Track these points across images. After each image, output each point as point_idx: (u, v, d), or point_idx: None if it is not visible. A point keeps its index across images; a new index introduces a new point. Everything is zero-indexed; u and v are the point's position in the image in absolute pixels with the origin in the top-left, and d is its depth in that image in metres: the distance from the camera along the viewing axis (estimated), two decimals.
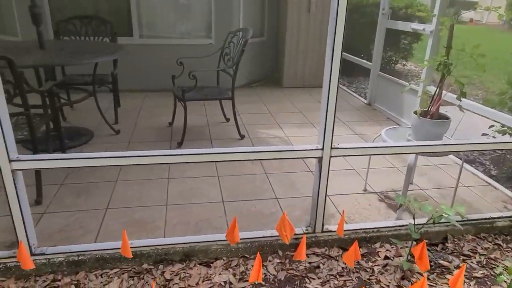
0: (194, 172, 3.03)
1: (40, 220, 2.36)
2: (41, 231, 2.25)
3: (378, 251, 2.30)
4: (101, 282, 1.96)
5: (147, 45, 5.16)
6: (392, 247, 2.32)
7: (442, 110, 2.46)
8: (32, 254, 1.99)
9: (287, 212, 2.52)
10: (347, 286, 2.03)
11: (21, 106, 2.39)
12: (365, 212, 2.57)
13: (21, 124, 2.63)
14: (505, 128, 3.17)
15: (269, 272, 2.10)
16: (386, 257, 2.25)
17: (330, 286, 2.02)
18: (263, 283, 2.02)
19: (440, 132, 2.33)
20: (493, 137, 3.09)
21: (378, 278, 2.09)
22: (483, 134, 3.35)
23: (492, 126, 3.20)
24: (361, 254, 2.26)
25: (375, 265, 2.18)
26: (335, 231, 2.32)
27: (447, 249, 2.35)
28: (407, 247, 2.31)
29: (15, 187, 1.83)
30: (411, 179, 3.00)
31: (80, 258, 2.02)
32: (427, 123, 2.33)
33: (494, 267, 2.19)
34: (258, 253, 1.59)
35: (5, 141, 1.75)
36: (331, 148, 2.09)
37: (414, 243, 2.36)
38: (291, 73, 5.77)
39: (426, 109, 2.40)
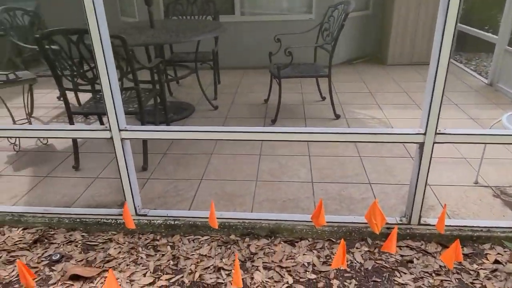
0: (285, 150, 3.02)
1: (145, 185, 2.62)
2: (145, 194, 2.49)
3: (487, 254, 2.01)
4: (193, 246, 2.10)
5: (247, 22, 5.23)
6: (505, 251, 2.01)
7: None
8: (136, 214, 2.23)
9: (380, 200, 2.36)
10: (444, 286, 1.83)
11: (132, 81, 2.64)
12: (474, 207, 2.26)
13: (132, 97, 2.92)
14: None
15: (355, 260, 2.00)
16: (496, 261, 1.96)
17: (423, 284, 1.84)
18: (348, 269, 1.94)
19: None
20: None
21: (483, 284, 1.83)
22: None
23: None
24: (464, 255, 2.01)
25: (481, 269, 1.91)
26: (434, 225, 2.10)
27: None
28: None
29: (124, 153, 2.04)
30: None
31: (175, 222, 2.19)
32: None
33: None
34: (343, 239, 1.51)
35: (116, 113, 1.95)
36: (436, 133, 1.85)
37: None
38: (397, 49, 5.29)
39: None
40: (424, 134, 1.86)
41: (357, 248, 2.08)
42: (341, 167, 2.76)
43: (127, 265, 1.97)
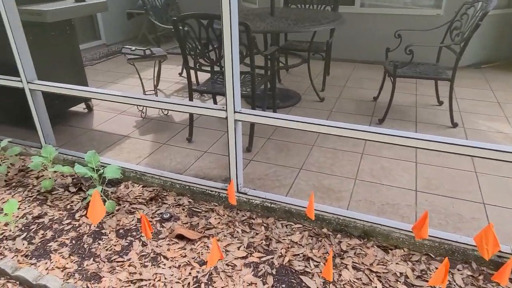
0: (389, 153, 2.89)
1: (247, 165, 2.78)
2: (246, 174, 2.65)
3: None
4: (285, 232, 2.18)
5: (366, 14, 5.04)
6: None
7: None
8: (237, 191, 2.39)
9: (495, 224, 2.12)
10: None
11: (248, 65, 2.78)
12: None
13: (246, 81, 3.08)
14: None
15: (455, 282, 1.86)
16: None
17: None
18: None
19: None
20: None
21: None
22: None
23: None
24: None
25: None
26: None
27: None
28: None
29: (235, 134, 2.19)
30: None
31: (272, 205, 2.29)
32: None
33: None
34: (447, 257, 1.42)
35: (234, 95, 2.10)
36: None
37: None
38: None
39: None
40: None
41: (458, 270, 1.92)
42: (451, 181, 2.55)
43: (225, 236, 2.14)
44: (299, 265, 1.94)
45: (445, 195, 2.40)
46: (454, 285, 1.84)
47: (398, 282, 1.86)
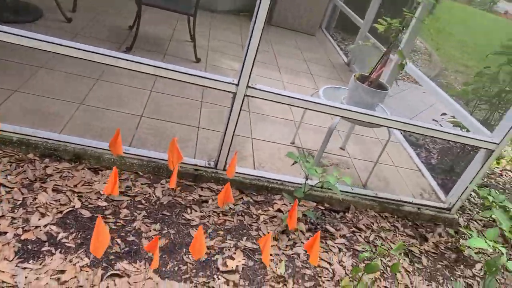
0: (129, 80, 2.87)
1: None
2: None
3: (275, 203, 2.27)
4: None
5: None
6: (290, 203, 2.30)
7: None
8: None
9: (201, 143, 2.44)
10: (226, 225, 2.02)
11: None
12: (279, 163, 2.51)
13: None
14: (458, 121, 3.05)
15: (154, 194, 2.06)
16: (279, 210, 2.23)
17: (208, 221, 2.00)
18: (144, 202, 1.99)
19: (371, 101, 2.20)
20: (440, 125, 2.98)
21: (259, 226, 2.08)
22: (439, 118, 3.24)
23: (445, 114, 3.07)
24: (256, 201, 2.24)
25: (263, 214, 2.16)
26: (238, 173, 2.27)
27: (344, 218, 2.35)
28: (301, 206, 2.29)
29: None
30: (344, 145, 2.92)
31: None
32: (360, 88, 2.18)
33: (378, 246, 2.20)
34: (115, 167, 1.51)
35: None
36: (247, 86, 1.95)
37: (315, 203, 2.34)
38: (281, 12, 5.39)
39: (368, 75, 2.24)
40: (237, 84, 1.94)
41: (161, 184, 2.14)
42: (178, 108, 2.76)
43: None
44: None
45: (168, 120, 2.58)
46: (154, 197, 2.04)
47: (99, 200, 1.91)
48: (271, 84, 3.58)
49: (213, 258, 1.81)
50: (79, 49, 1.80)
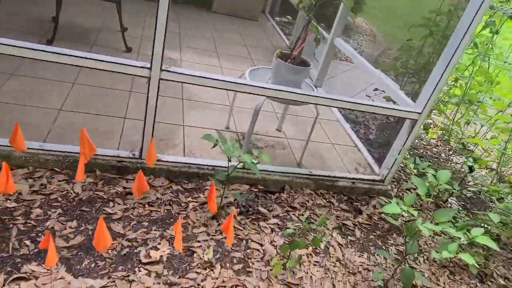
0: (48, 73, 2.69)
1: None
2: None
3: (206, 189, 2.22)
4: None
5: None
6: (223, 187, 2.25)
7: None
8: None
9: (127, 135, 2.33)
10: (152, 216, 1.94)
11: None
12: (209, 148, 2.45)
13: None
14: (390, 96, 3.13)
15: (73, 191, 1.94)
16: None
17: (131, 214, 1.92)
18: (60, 199, 1.87)
19: (295, 78, 2.18)
20: (372, 100, 3.03)
21: (188, 214, 2.02)
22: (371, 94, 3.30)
23: (377, 89, 3.13)
24: (186, 189, 2.17)
25: (193, 201, 2.10)
26: (165, 161, 2.19)
27: (279, 199, 2.33)
28: (235, 190, 2.26)
29: None
30: (280, 126, 2.91)
31: None
32: (283, 66, 2.16)
33: (311, 223, 2.21)
34: (4, 162, 1.40)
35: None
36: (161, 69, 1.87)
37: (247, 186, 2.31)
38: None
39: (290, 52, 2.22)
40: (150, 68, 1.85)
41: (82, 181, 2.02)
42: (105, 99, 2.62)
43: None
44: None
45: (91, 113, 2.45)
46: (72, 193, 1.92)
47: (8, 201, 1.77)
48: (209, 71, 3.50)
49: (135, 251, 1.73)
50: None
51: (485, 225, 2.18)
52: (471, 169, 2.65)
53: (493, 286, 2.16)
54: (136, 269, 1.65)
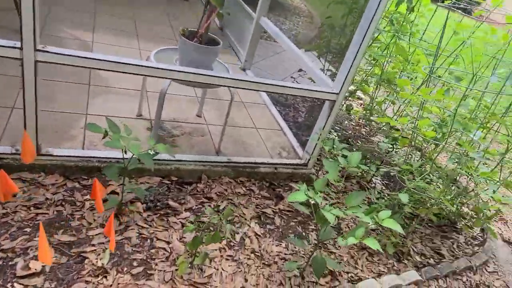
0: None
1: None
2: None
3: (109, 184, 1.99)
4: None
5: None
6: (131, 181, 2.04)
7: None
8: None
9: (16, 127, 2.01)
10: (37, 220, 1.69)
11: None
12: None
13: None
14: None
15: None
16: (113, 192, 1.96)
17: (12, 219, 1.66)
18: None
19: (203, 58, 2.00)
20: (297, 81, 2.94)
21: (83, 214, 1.79)
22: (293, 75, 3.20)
23: (301, 70, 3.04)
24: (84, 186, 1.93)
25: (91, 200, 1.87)
26: (59, 155, 1.93)
27: (194, 190, 2.17)
28: (144, 183, 2.06)
29: None
30: (200, 111, 2.72)
31: None
32: (189, 46, 1.96)
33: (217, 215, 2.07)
34: None
35: None
36: (36, 50, 1.59)
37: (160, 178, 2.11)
38: None
39: (196, 30, 2.03)
40: (21, 49, 1.57)
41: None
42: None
43: None
44: None
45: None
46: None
47: None
48: (125, 53, 3.21)
49: (10, 263, 1.49)
50: None
51: (401, 204, 2.17)
52: (392, 148, 2.64)
53: (409, 264, 2.18)
54: (9, 285, 1.42)
